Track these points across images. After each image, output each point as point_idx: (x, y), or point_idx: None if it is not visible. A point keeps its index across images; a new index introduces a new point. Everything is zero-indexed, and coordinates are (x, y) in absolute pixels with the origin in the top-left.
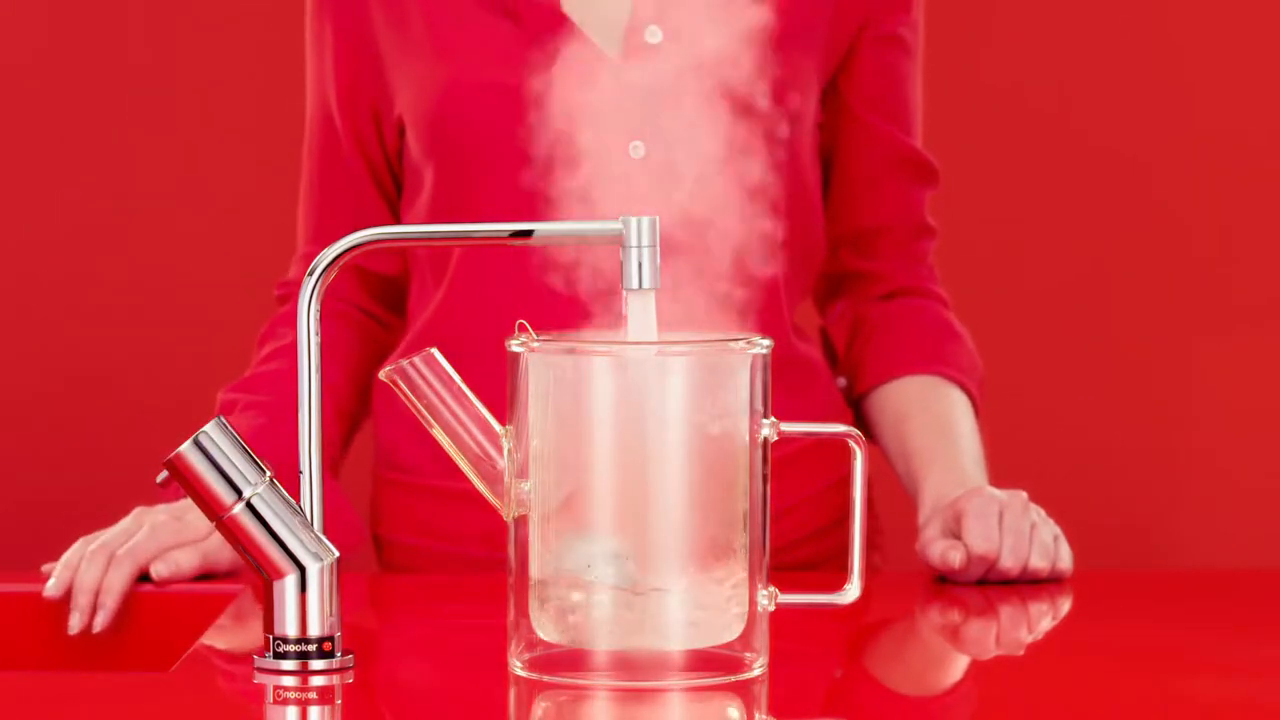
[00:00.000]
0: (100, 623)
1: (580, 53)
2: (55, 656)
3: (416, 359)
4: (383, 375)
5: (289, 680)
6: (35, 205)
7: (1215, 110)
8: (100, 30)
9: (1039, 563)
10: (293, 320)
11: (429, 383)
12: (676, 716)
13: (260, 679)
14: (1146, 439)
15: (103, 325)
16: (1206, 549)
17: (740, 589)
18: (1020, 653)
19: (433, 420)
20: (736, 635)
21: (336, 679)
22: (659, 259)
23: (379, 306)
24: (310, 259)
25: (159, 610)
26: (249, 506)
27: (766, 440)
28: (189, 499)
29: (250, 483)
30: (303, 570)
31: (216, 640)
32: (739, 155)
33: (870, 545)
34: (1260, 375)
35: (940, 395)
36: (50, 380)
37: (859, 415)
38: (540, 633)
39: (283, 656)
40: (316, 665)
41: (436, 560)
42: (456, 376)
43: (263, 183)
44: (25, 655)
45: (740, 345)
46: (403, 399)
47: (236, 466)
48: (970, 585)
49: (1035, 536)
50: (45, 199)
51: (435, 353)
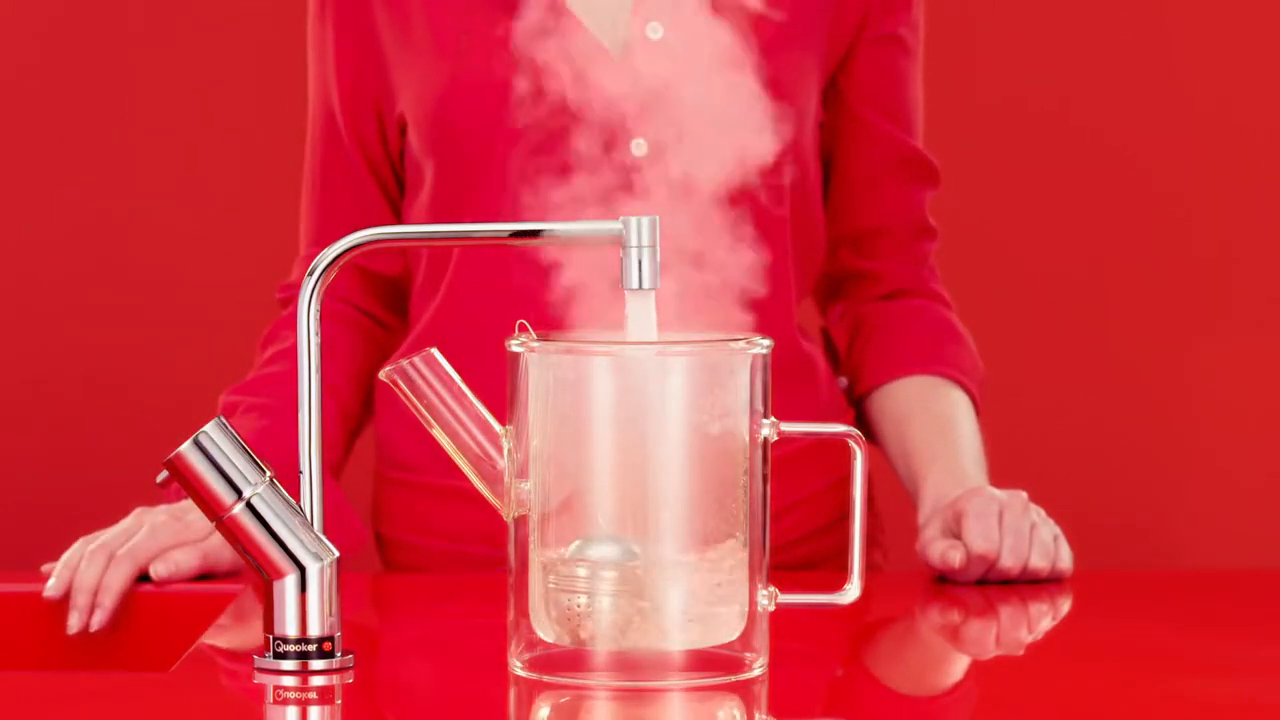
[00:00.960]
0: (97, 622)
1: (582, 49)
2: (55, 656)
3: (416, 359)
4: (383, 375)
5: (289, 680)
6: (35, 205)
7: (1215, 110)
8: (101, 30)
9: (1039, 563)
10: (294, 323)
11: (429, 383)
12: (676, 716)
13: (260, 679)
14: (1146, 439)
15: (103, 325)
16: (1206, 549)
17: (740, 589)
18: (1020, 653)
19: (433, 420)
20: (736, 635)
21: (336, 679)
22: (659, 259)
23: (380, 307)
24: (312, 260)
25: (159, 610)
26: (249, 506)
27: (766, 440)
28: (189, 499)
29: (250, 483)
30: (303, 570)
31: (216, 640)
32: (740, 153)
33: (871, 544)
34: (1260, 375)
35: (941, 395)
36: (50, 380)
37: (860, 415)
38: (540, 633)
39: (283, 656)
40: (316, 665)
41: (438, 559)
42: (456, 376)
43: (264, 184)
44: (25, 655)
45: (740, 345)
46: (403, 399)
47: (236, 466)
48: (970, 585)
49: (1035, 536)
50: (45, 199)
51: (435, 353)
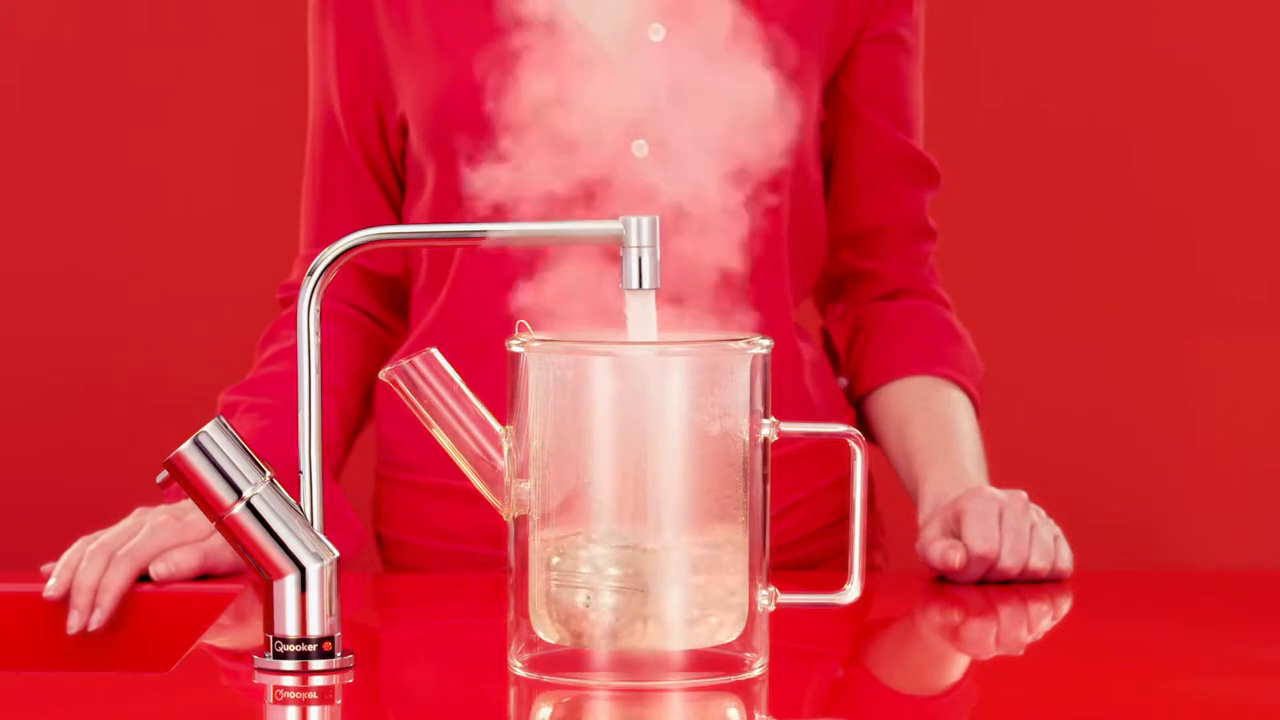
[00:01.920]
0: (97, 622)
1: (583, 51)
2: (55, 656)
3: (416, 359)
4: (383, 375)
5: (289, 680)
6: (35, 205)
7: (1215, 110)
8: (101, 31)
9: (1039, 563)
10: (294, 322)
11: (429, 383)
12: (676, 716)
13: (260, 679)
14: (1146, 439)
15: (103, 325)
16: (1206, 549)
17: (740, 589)
18: (1020, 653)
19: (433, 420)
20: (736, 635)
21: (336, 679)
22: (659, 258)
23: (380, 307)
24: (312, 260)
25: (159, 610)
26: (249, 506)
27: (766, 440)
28: (189, 499)
29: (250, 483)
30: (303, 570)
31: (216, 640)
32: (742, 153)
33: (871, 544)
34: (1260, 375)
35: (941, 396)
36: (50, 380)
37: (860, 416)
38: (540, 633)
39: (283, 656)
40: (316, 665)
41: (439, 558)
42: (456, 377)
43: (265, 184)
44: (25, 655)
45: (740, 345)
46: (403, 399)
47: (236, 466)
48: (970, 585)
49: (1035, 536)
50: (45, 199)
51: (435, 353)
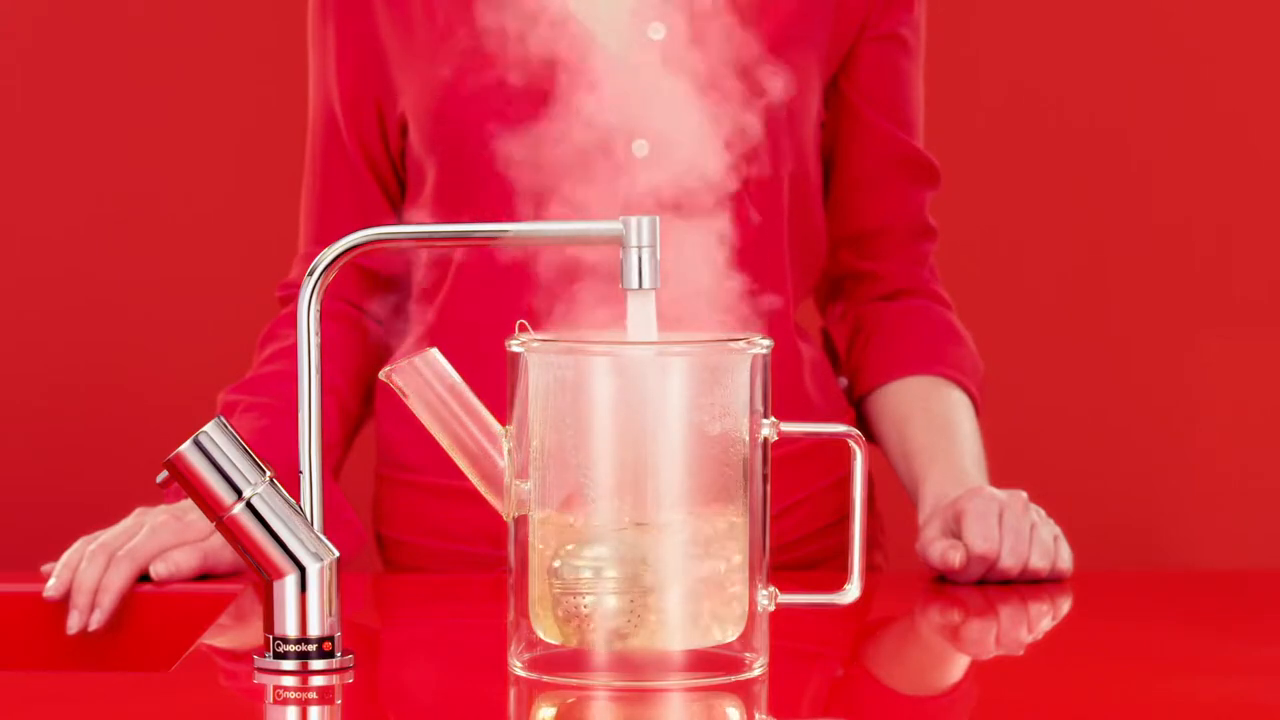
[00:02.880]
0: (97, 622)
1: (584, 50)
2: (55, 656)
3: (416, 359)
4: (383, 375)
5: (289, 680)
6: (35, 205)
7: (1215, 110)
8: (101, 30)
9: (1039, 563)
10: (294, 321)
11: (429, 383)
12: (676, 716)
13: (260, 679)
14: (1146, 439)
15: (103, 325)
16: (1206, 549)
17: (740, 589)
18: (1020, 653)
19: (432, 420)
20: (736, 635)
21: (336, 679)
22: (659, 259)
23: (380, 307)
24: (312, 259)
25: (159, 610)
26: (249, 506)
27: (766, 440)
28: (189, 499)
29: (250, 483)
30: (303, 570)
31: (216, 640)
32: (742, 153)
33: (872, 544)
34: (1261, 375)
35: (941, 396)
36: (50, 380)
37: (860, 416)
38: (540, 633)
39: (283, 656)
40: (316, 665)
41: (439, 558)
42: (456, 377)
43: (265, 183)
44: (25, 655)
45: (740, 345)
46: (403, 399)
47: (236, 466)
48: (970, 585)
49: (1035, 536)
50: (45, 199)
51: (435, 353)
